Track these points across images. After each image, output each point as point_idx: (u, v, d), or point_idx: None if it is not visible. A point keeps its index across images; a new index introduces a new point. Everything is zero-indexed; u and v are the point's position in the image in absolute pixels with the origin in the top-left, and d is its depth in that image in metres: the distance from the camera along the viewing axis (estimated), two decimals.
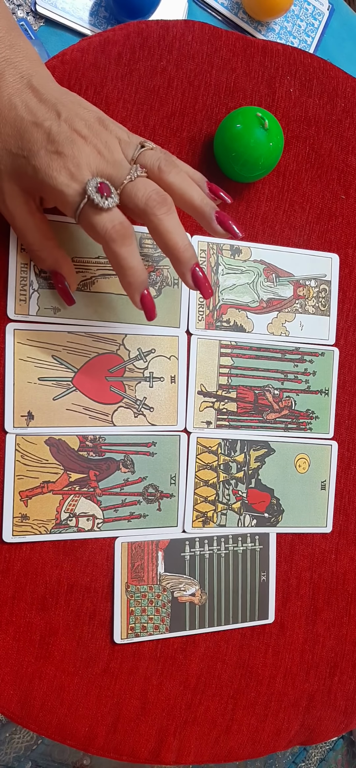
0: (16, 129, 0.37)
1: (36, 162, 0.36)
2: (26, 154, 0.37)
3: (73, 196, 0.36)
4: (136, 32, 0.48)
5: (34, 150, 0.36)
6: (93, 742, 0.51)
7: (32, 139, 0.37)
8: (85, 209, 0.37)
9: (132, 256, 0.38)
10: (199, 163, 0.50)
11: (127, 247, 0.38)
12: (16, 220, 0.40)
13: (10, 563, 0.48)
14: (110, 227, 0.37)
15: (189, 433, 0.51)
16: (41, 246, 0.42)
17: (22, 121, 0.37)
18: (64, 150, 0.36)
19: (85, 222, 0.37)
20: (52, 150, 0.36)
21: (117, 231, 0.37)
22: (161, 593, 0.51)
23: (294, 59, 0.52)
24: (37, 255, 0.42)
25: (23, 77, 0.38)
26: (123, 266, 0.38)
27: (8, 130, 0.37)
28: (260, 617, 0.54)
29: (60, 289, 0.44)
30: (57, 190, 0.36)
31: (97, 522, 0.49)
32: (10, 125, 0.37)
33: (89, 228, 0.37)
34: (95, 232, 0.37)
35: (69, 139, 0.36)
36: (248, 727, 0.55)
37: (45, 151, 0.36)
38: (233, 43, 0.50)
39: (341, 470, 0.56)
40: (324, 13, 0.81)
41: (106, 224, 0.37)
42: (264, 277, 0.53)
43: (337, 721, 0.58)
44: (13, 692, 0.48)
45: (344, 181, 0.54)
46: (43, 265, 0.43)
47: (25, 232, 0.41)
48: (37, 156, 0.36)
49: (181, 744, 0.53)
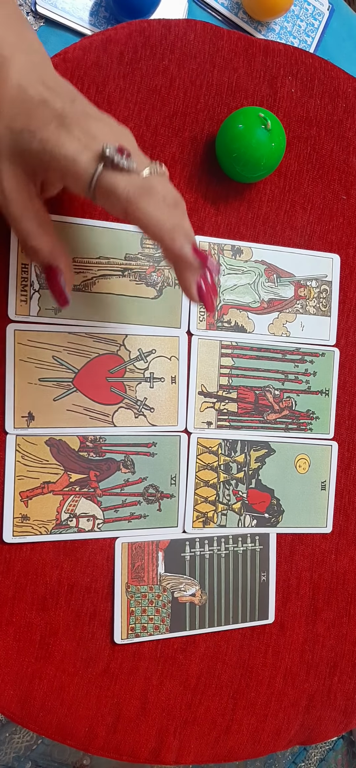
0: (24, 108, 0.35)
1: (44, 134, 0.34)
2: (33, 128, 0.34)
3: (86, 162, 0.34)
4: (138, 31, 0.48)
5: (43, 124, 0.34)
6: (93, 742, 0.51)
7: (41, 115, 0.34)
8: (104, 174, 0.34)
9: (162, 209, 0.34)
10: (200, 163, 0.50)
11: (156, 202, 0.34)
12: (12, 204, 0.36)
13: (10, 563, 0.48)
14: (135, 186, 0.34)
15: (190, 434, 0.51)
16: (37, 234, 0.37)
17: (31, 101, 0.35)
18: (78, 122, 0.34)
19: (103, 188, 0.34)
20: (62, 124, 0.34)
21: (143, 187, 0.34)
22: (161, 593, 0.51)
23: (296, 59, 0.52)
24: (32, 245, 0.38)
25: (34, 65, 0.36)
26: (157, 223, 0.34)
27: (15, 110, 0.35)
28: (260, 617, 0.54)
29: (55, 286, 0.39)
30: (68, 158, 0.34)
31: (97, 522, 0.49)
32: (17, 105, 0.35)
33: (107, 194, 0.34)
34: (115, 197, 0.34)
35: (83, 113, 0.35)
36: (248, 727, 0.55)
37: (56, 124, 0.34)
38: (235, 42, 0.50)
39: (341, 470, 0.56)
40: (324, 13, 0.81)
41: (128, 185, 0.34)
42: (265, 277, 0.53)
43: (337, 720, 0.58)
44: (14, 692, 0.48)
45: (345, 182, 0.54)
46: (38, 257, 0.38)
47: (21, 217, 0.37)
48: (46, 129, 0.34)
49: (181, 744, 0.53)
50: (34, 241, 0.37)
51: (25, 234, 0.37)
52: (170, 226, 0.35)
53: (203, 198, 0.50)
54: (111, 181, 0.34)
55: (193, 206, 0.50)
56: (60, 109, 0.34)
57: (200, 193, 0.50)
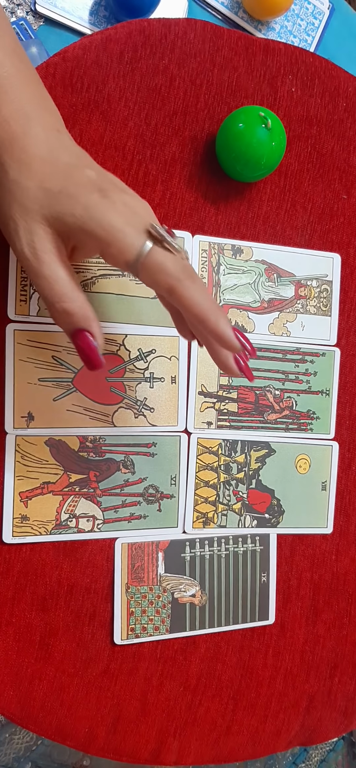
0: (60, 169, 0.34)
1: (89, 201, 0.34)
2: (73, 192, 0.34)
3: (135, 237, 0.34)
4: (138, 30, 0.47)
5: (85, 190, 0.34)
6: (93, 742, 0.51)
7: (80, 180, 0.34)
8: (153, 251, 0.34)
9: (204, 291, 0.35)
10: (201, 162, 0.50)
11: (199, 284, 0.35)
12: (44, 266, 0.35)
13: (10, 564, 0.48)
14: (181, 267, 0.35)
15: (190, 434, 0.51)
16: (70, 297, 0.35)
17: (65, 164, 0.35)
18: (116, 194, 0.34)
19: (151, 265, 0.34)
20: (105, 194, 0.34)
21: (187, 269, 0.35)
22: (161, 594, 0.51)
23: (296, 58, 0.52)
24: (65, 308, 0.36)
25: (54, 125, 0.36)
26: (203, 305, 0.35)
27: (47, 169, 0.34)
28: (260, 618, 0.54)
29: (87, 350, 0.37)
30: (116, 229, 0.33)
31: (97, 523, 0.49)
32: (50, 164, 0.34)
33: (155, 271, 0.34)
34: (164, 275, 0.34)
35: (115, 184, 0.35)
36: (248, 727, 0.55)
37: (99, 194, 0.34)
38: (235, 41, 0.50)
39: (341, 471, 0.56)
40: (324, 12, 0.81)
41: (176, 265, 0.34)
42: (266, 277, 0.52)
43: (337, 721, 0.58)
44: (13, 693, 0.48)
45: (346, 181, 0.54)
46: (70, 321, 0.36)
47: (53, 281, 0.35)
48: (90, 196, 0.34)
49: (181, 745, 0.53)
50: (67, 303, 0.36)
51: (58, 297, 0.35)
52: (214, 308, 0.36)
53: (204, 197, 0.50)
54: (161, 260, 0.34)
55: (193, 206, 0.50)
56: (96, 177, 0.35)
57: (201, 192, 0.50)
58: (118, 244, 0.34)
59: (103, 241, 0.34)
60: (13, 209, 0.34)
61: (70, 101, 0.46)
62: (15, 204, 0.34)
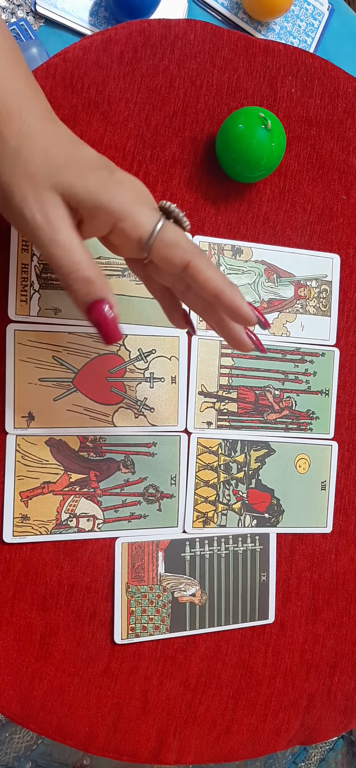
0: (63, 143, 0.34)
1: (100, 177, 0.33)
2: (82, 166, 0.33)
3: (147, 213, 0.33)
4: (138, 31, 0.48)
5: (94, 166, 0.34)
6: (93, 742, 0.51)
7: (88, 156, 0.34)
8: (167, 227, 0.34)
9: (214, 266, 0.35)
10: (201, 163, 0.50)
11: (209, 260, 0.35)
12: (60, 234, 0.33)
13: (10, 564, 0.48)
14: (193, 243, 0.34)
15: (190, 434, 0.51)
16: (91, 265, 0.34)
17: (69, 140, 0.35)
18: (124, 176, 0.34)
19: (165, 241, 0.34)
20: (113, 173, 0.34)
21: (197, 245, 0.35)
22: (161, 593, 0.51)
23: (296, 59, 0.52)
24: (86, 276, 0.34)
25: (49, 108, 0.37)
26: (218, 279, 0.35)
27: (50, 140, 0.34)
28: (260, 617, 0.54)
29: (108, 319, 0.35)
30: (129, 206, 0.33)
31: (97, 522, 0.49)
32: (52, 137, 0.34)
33: (169, 247, 0.34)
34: (180, 249, 0.34)
35: (115, 167, 0.35)
36: (248, 726, 0.55)
37: (108, 172, 0.34)
38: (235, 42, 0.50)
39: (341, 470, 0.56)
40: (323, 13, 0.81)
41: (189, 240, 0.34)
42: (265, 277, 0.53)
43: (337, 720, 0.58)
44: (14, 692, 0.48)
45: (345, 182, 0.54)
46: (89, 290, 0.34)
47: (72, 248, 0.33)
48: (100, 173, 0.33)
49: (181, 744, 0.53)
50: (87, 271, 0.34)
51: (77, 265, 0.34)
52: (228, 282, 0.35)
53: (203, 198, 0.50)
54: (175, 235, 0.34)
55: (193, 206, 0.50)
56: (99, 156, 0.34)
57: (201, 192, 0.50)
58: (133, 218, 0.33)
59: (118, 215, 0.33)
60: (18, 178, 0.33)
61: (71, 102, 0.47)
62: (19, 172, 0.33)
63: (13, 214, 0.34)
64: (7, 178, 0.33)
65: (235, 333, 0.38)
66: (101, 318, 0.35)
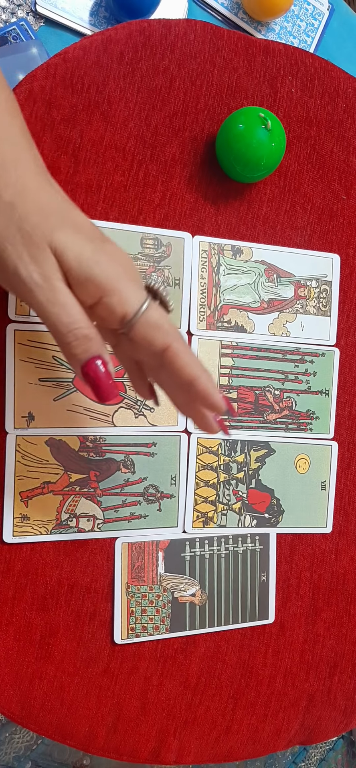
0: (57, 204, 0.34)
1: (94, 246, 0.33)
2: (78, 231, 0.33)
3: (136, 291, 0.33)
4: (138, 31, 0.48)
5: (88, 234, 0.33)
6: (93, 742, 0.51)
7: (82, 222, 0.34)
8: (152, 307, 0.34)
9: (192, 352, 0.35)
10: (201, 163, 0.50)
11: (187, 345, 0.35)
12: (59, 294, 0.32)
13: (10, 563, 0.48)
14: (175, 326, 0.34)
15: (190, 434, 0.51)
16: (88, 323, 0.33)
17: (62, 201, 0.34)
18: (115, 248, 0.34)
19: (148, 322, 0.33)
20: (103, 242, 0.34)
21: (177, 329, 0.34)
22: (161, 593, 0.51)
23: (296, 59, 0.52)
24: (85, 334, 0.33)
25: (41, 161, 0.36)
26: (195, 367, 0.35)
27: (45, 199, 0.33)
28: (260, 617, 0.54)
29: (105, 376, 0.34)
30: (120, 280, 0.33)
31: (97, 522, 0.49)
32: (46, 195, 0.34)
33: (152, 328, 0.34)
34: (162, 332, 0.34)
35: (110, 240, 0.35)
36: (248, 727, 0.55)
37: (100, 241, 0.33)
38: (235, 42, 0.50)
39: (341, 471, 0.56)
40: (323, 13, 0.81)
41: (171, 324, 0.34)
42: (265, 277, 0.53)
43: (337, 720, 0.58)
44: (14, 692, 0.48)
45: (345, 182, 0.54)
46: (87, 347, 0.34)
47: (70, 307, 0.33)
48: (94, 242, 0.33)
49: (181, 744, 0.53)
50: (86, 329, 0.33)
51: (76, 323, 0.33)
52: (203, 370, 0.35)
53: (204, 198, 0.50)
54: (159, 317, 0.34)
55: (193, 206, 0.50)
56: (91, 225, 0.34)
57: (201, 192, 0.50)
58: (121, 294, 0.33)
59: (106, 289, 0.33)
60: (12, 234, 0.32)
61: (71, 102, 0.47)
62: (14, 229, 0.32)
63: (5, 271, 0.33)
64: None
65: (203, 417, 0.37)
66: (97, 375, 0.34)
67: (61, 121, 0.47)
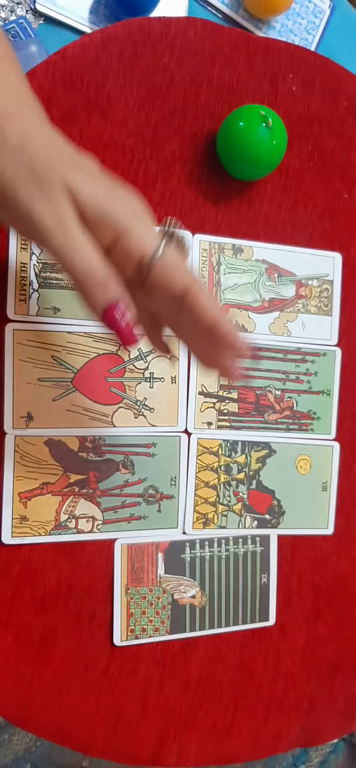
0: (65, 149, 0.33)
1: (107, 186, 0.32)
2: (89, 174, 0.32)
3: (153, 232, 0.33)
4: (138, 29, 0.47)
5: (100, 176, 0.32)
6: (92, 744, 0.51)
7: (91, 166, 0.33)
8: (170, 249, 0.33)
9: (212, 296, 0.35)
10: (201, 161, 0.50)
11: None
12: (75, 238, 0.31)
13: (9, 565, 0.47)
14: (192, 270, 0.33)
15: (190, 434, 0.51)
16: (105, 266, 0.32)
17: (70, 148, 0.33)
18: (127, 192, 0.33)
19: (169, 263, 0.33)
20: (113, 187, 0.33)
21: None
22: (161, 595, 0.51)
23: (297, 57, 0.51)
24: (104, 279, 0.32)
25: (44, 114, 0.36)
26: (215, 308, 0.34)
27: (54, 144, 0.33)
28: (261, 619, 0.54)
29: (125, 321, 0.33)
30: (136, 220, 0.32)
31: (96, 523, 0.49)
32: (53, 141, 0.33)
33: (173, 269, 0.33)
34: (182, 273, 0.33)
35: (131, 192, 0.34)
36: (248, 729, 0.54)
37: (111, 182, 0.33)
38: (236, 40, 0.50)
39: (342, 472, 0.56)
40: (325, 10, 0.81)
41: (189, 267, 0.33)
42: (266, 276, 0.52)
43: (338, 723, 0.57)
44: (12, 694, 0.48)
45: (347, 180, 0.54)
46: (106, 292, 0.32)
47: (88, 251, 0.32)
48: (106, 182, 0.32)
49: (181, 746, 0.53)
50: (104, 273, 0.32)
51: (93, 268, 0.32)
52: (223, 312, 0.35)
53: (204, 196, 0.50)
54: (177, 258, 0.33)
55: (193, 204, 0.50)
56: (103, 171, 0.33)
57: (201, 191, 0.50)
58: (138, 233, 0.32)
59: (123, 227, 0.32)
60: (23, 176, 0.31)
61: (70, 100, 0.46)
62: (24, 171, 0.31)
63: (17, 215, 0.32)
64: (8, 176, 0.31)
65: (225, 363, 0.37)
66: (118, 321, 0.33)
67: (61, 119, 0.46)
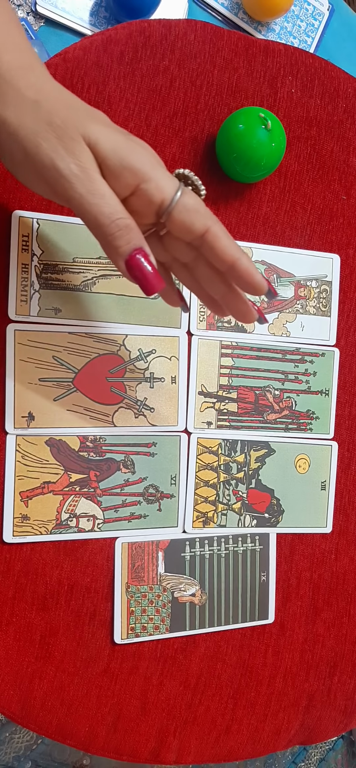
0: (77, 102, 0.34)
1: (123, 136, 0.33)
2: (104, 124, 0.33)
3: (170, 177, 0.33)
4: (138, 31, 0.48)
5: (114, 127, 0.33)
6: (93, 742, 0.51)
7: (105, 118, 0.34)
8: (188, 193, 0.34)
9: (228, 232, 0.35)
10: (201, 163, 0.50)
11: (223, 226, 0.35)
12: (98, 184, 0.32)
13: (10, 563, 0.48)
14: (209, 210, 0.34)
15: (190, 434, 0.51)
16: (126, 212, 0.33)
17: (81, 101, 0.34)
18: (141, 141, 0.34)
19: (189, 206, 0.34)
20: (128, 135, 0.34)
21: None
22: (161, 593, 0.51)
23: (296, 59, 0.52)
24: (127, 223, 0.33)
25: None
26: (235, 247, 0.35)
27: (65, 96, 0.34)
28: (260, 617, 0.54)
29: (149, 267, 0.34)
30: (154, 167, 0.33)
31: (97, 522, 0.49)
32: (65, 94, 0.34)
33: (193, 211, 0.34)
34: (201, 215, 0.34)
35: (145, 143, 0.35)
36: (248, 726, 0.55)
37: (124, 134, 0.33)
38: (235, 42, 0.50)
39: (341, 471, 0.56)
40: (324, 13, 0.81)
41: (207, 208, 0.34)
42: (266, 277, 0.53)
43: (337, 720, 0.58)
44: (14, 692, 0.48)
45: (345, 182, 0.54)
46: (129, 238, 0.33)
47: (109, 197, 0.32)
48: (121, 132, 0.33)
49: (181, 744, 0.53)
50: (126, 218, 0.33)
51: (116, 214, 0.33)
52: (242, 250, 0.35)
53: (204, 198, 0.50)
54: (196, 201, 0.34)
55: None
56: (116, 125, 0.34)
57: None
58: (157, 180, 0.33)
59: (142, 175, 0.33)
60: (44, 129, 0.32)
61: None
62: (44, 124, 0.32)
63: (40, 170, 0.32)
64: (29, 130, 0.32)
65: (243, 305, 0.38)
66: (142, 265, 0.34)
67: None
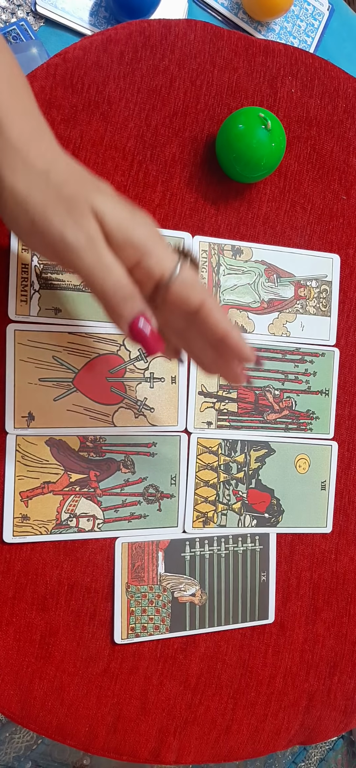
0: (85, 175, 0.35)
1: (128, 210, 0.34)
2: (111, 197, 0.34)
3: (170, 252, 0.35)
4: (138, 31, 0.48)
5: (120, 201, 0.34)
6: (93, 742, 0.51)
7: (111, 190, 0.35)
8: (186, 268, 0.35)
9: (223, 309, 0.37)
10: (201, 163, 0.50)
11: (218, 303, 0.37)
12: (104, 256, 0.33)
13: (10, 563, 0.48)
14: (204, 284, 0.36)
15: (190, 434, 0.51)
16: (130, 281, 0.34)
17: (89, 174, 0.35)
18: (144, 214, 0.35)
19: (187, 280, 0.35)
20: (133, 210, 0.35)
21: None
22: (161, 593, 0.51)
23: (296, 59, 0.52)
24: (131, 293, 0.34)
25: None
26: (226, 321, 0.36)
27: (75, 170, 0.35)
28: (260, 617, 0.54)
29: (151, 332, 0.35)
30: (156, 242, 0.34)
31: (97, 522, 0.49)
32: (74, 167, 0.35)
33: (190, 286, 0.35)
34: (198, 290, 0.35)
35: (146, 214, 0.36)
36: (248, 726, 0.55)
37: (132, 208, 0.34)
38: (235, 42, 0.50)
39: (341, 470, 0.56)
40: (323, 13, 0.81)
41: (202, 282, 0.36)
42: (265, 277, 0.53)
43: (337, 720, 0.58)
44: (14, 692, 0.48)
45: (345, 182, 0.54)
46: (133, 306, 0.34)
47: (115, 268, 0.33)
48: (126, 207, 0.34)
49: (181, 744, 0.53)
50: (131, 288, 0.34)
51: (121, 285, 0.34)
52: (232, 324, 0.37)
53: (204, 198, 0.50)
54: (193, 276, 0.35)
55: (193, 206, 0.50)
56: (119, 195, 0.35)
57: (201, 193, 0.50)
58: (158, 256, 0.34)
59: (144, 251, 0.34)
60: (53, 201, 0.33)
61: (71, 102, 0.47)
62: (53, 196, 0.33)
63: (48, 240, 0.33)
64: (38, 202, 0.33)
65: (232, 370, 0.40)
66: (144, 331, 0.35)
67: (62, 121, 0.47)
